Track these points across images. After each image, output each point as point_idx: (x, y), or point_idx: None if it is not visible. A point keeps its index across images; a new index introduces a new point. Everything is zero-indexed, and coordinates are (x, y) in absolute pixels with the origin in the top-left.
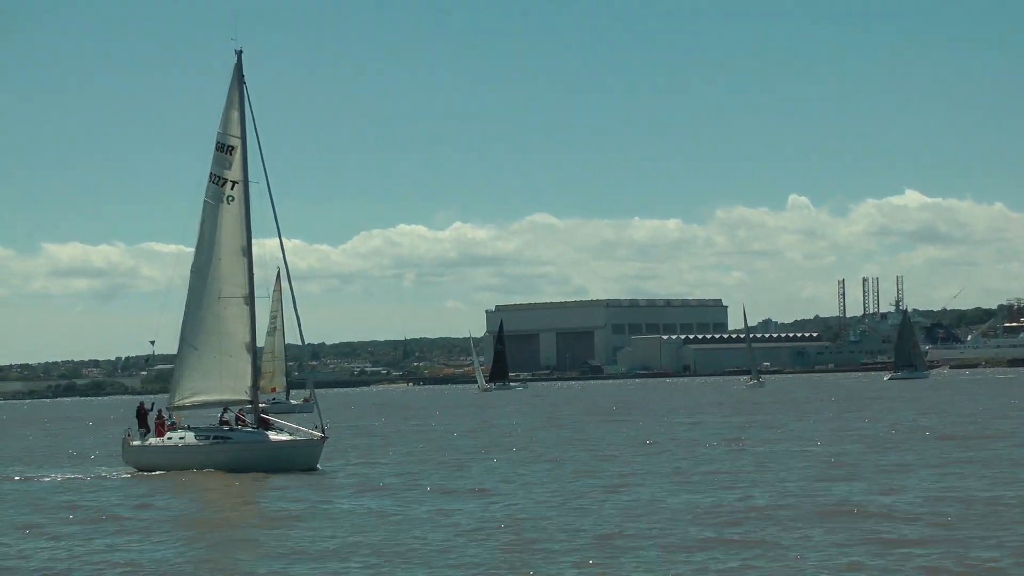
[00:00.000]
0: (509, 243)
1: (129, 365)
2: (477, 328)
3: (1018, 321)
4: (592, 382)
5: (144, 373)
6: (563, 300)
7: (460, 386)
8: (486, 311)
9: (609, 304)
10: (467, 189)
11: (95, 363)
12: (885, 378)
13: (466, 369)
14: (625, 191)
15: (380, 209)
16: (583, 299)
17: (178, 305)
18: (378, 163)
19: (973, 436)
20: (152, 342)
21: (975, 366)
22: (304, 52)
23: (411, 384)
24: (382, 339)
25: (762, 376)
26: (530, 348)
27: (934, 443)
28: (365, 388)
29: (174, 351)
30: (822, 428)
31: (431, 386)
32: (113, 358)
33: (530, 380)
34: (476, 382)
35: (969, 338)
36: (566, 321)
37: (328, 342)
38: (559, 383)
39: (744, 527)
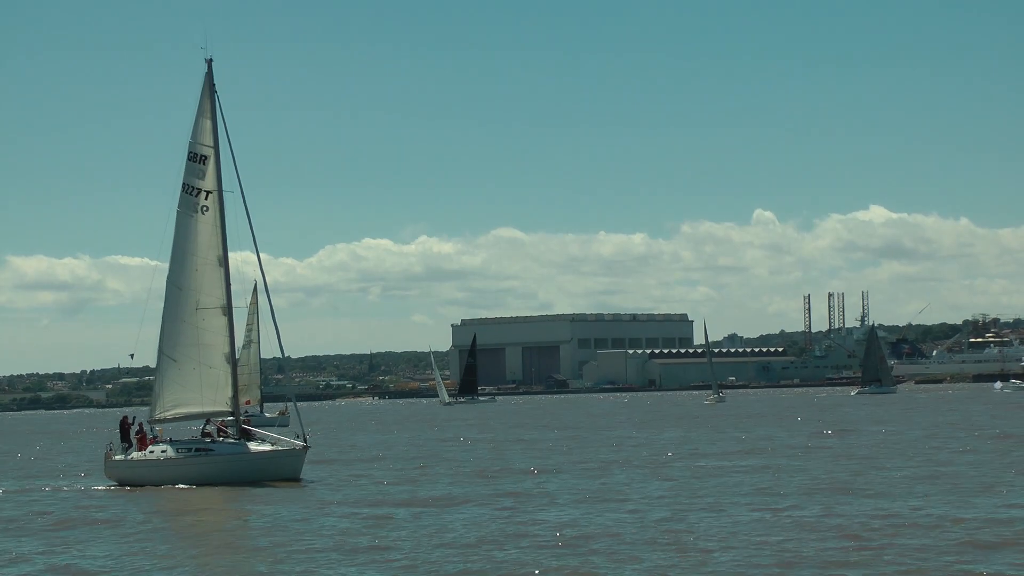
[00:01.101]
0: (475, 257)
1: (94, 378)
2: (443, 342)
3: (983, 337)
4: (557, 396)
5: (109, 386)
6: (529, 314)
7: (425, 400)
8: (452, 325)
9: (575, 319)
10: (433, 203)
11: (60, 376)
12: (852, 393)
13: (431, 383)
14: (591, 206)
15: (345, 223)
16: (549, 313)
17: (151, 318)
18: (344, 176)
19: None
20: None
21: (940, 381)
22: (268, 62)
23: (377, 398)
24: (348, 353)
25: (723, 391)
26: (496, 362)
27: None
28: (331, 402)
29: (140, 365)
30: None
31: (397, 400)
32: (79, 371)
33: (496, 394)
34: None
35: (934, 353)
36: (532, 335)
37: (294, 356)
38: (521, 397)
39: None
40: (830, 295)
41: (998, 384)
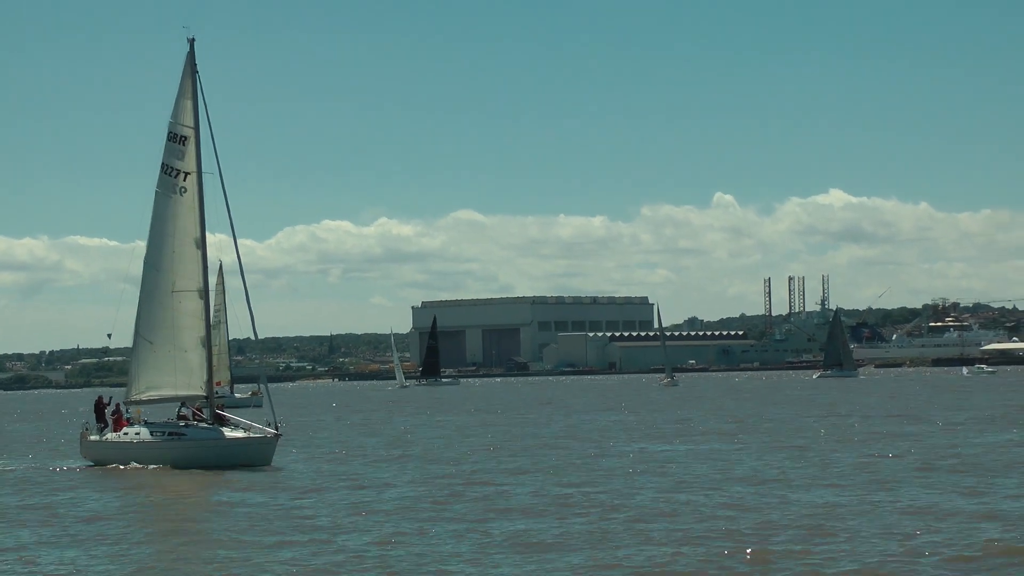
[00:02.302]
0: (435, 240)
1: (53, 359)
2: (403, 324)
3: (943, 321)
4: (516, 379)
5: (68, 367)
6: (489, 297)
7: (384, 382)
8: (412, 307)
9: (535, 301)
10: (393, 185)
11: (19, 357)
12: (814, 376)
13: (391, 365)
14: (550, 188)
15: (305, 204)
16: (509, 296)
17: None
18: (303, 158)
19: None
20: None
21: (899, 365)
22: (228, 47)
23: (336, 380)
24: (308, 334)
25: (676, 375)
26: (456, 345)
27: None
28: (290, 383)
29: (99, 346)
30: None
31: (356, 382)
32: (37, 352)
33: (456, 376)
34: (409, 378)
35: (894, 337)
36: (492, 318)
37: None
38: (480, 380)
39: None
40: (790, 279)
41: (965, 369)
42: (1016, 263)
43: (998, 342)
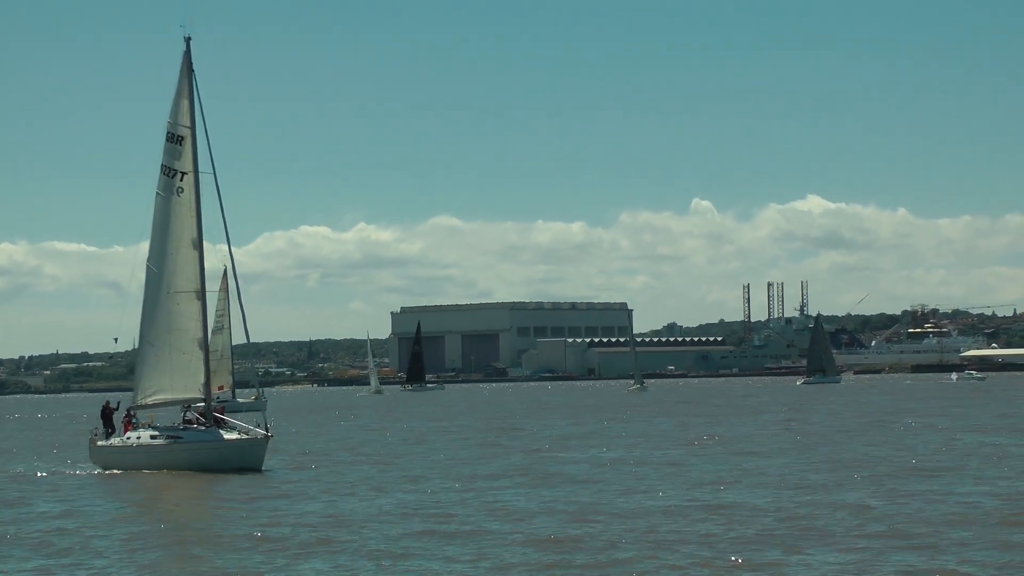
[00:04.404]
0: (413, 245)
1: (32, 364)
2: (382, 329)
3: (922, 327)
4: (495, 384)
5: (47, 372)
6: (468, 303)
7: (364, 387)
8: (392, 313)
9: (514, 307)
10: (371, 191)
11: None
12: (798, 383)
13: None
14: (529, 194)
15: (283, 210)
16: (488, 301)
17: (88, 304)
18: (281, 163)
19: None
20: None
21: (879, 371)
22: (202, 48)
23: (316, 385)
24: (287, 340)
25: (646, 381)
26: (436, 350)
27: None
28: (269, 389)
29: (79, 351)
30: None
31: (336, 387)
32: (16, 357)
33: (436, 382)
34: (388, 383)
35: (873, 344)
36: (471, 323)
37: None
38: (459, 385)
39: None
40: (769, 285)
41: (954, 375)
42: (995, 269)
43: (977, 348)
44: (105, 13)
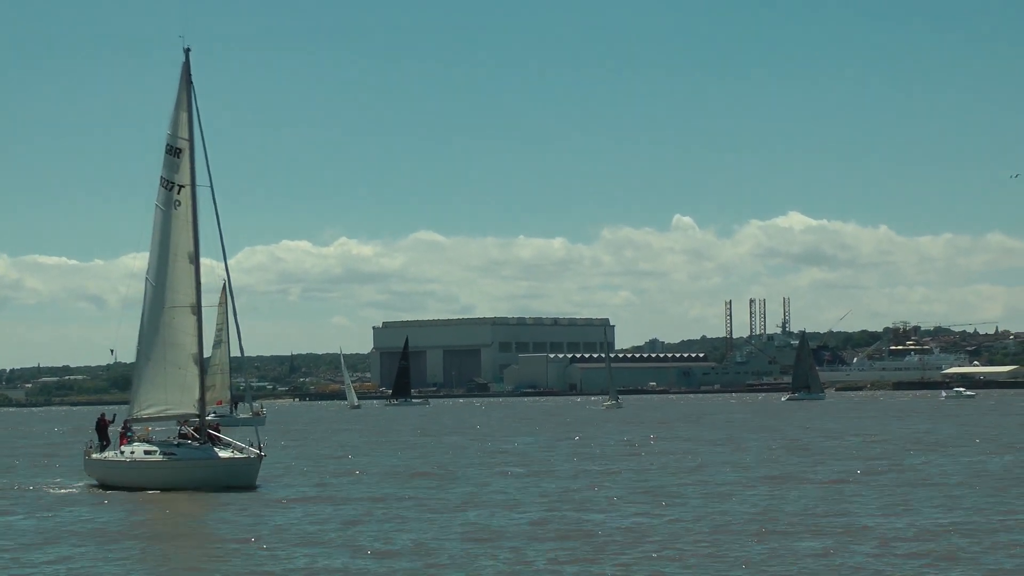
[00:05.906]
0: (395, 260)
1: (14, 377)
2: (364, 344)
3: (903, 344)
4: (477, 400)
5: (29, 385)
6: (450, 318)
7: (343, 402)
8: (373, 327)
9: (496, 322)
10: (352, 205)
11: None
12: (783, 399)
13: (355, 385)
14: (510, 209)
15: (264, 225)
16: (470, 317)
17: (68, 317)
18: (262, 178)
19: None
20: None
21: (860, 388)
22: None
23: (297, 400)
24: (268, 354)
25: (621, 397)
26: (417, 365)
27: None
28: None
29: (55, 364)
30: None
31: (317, 401)
32: None
33: (420, 397)
34: (369, 398)
35: (855, 361)
36: (453, 339)
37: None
38: (441, 400)
39: None
40: (751, 301)
41: (943, 393)
42: (977, 287)
43: (959, 366)
44: (94, 35)
